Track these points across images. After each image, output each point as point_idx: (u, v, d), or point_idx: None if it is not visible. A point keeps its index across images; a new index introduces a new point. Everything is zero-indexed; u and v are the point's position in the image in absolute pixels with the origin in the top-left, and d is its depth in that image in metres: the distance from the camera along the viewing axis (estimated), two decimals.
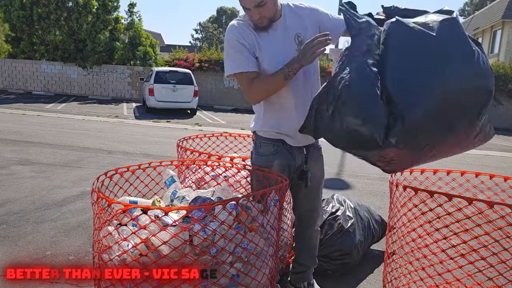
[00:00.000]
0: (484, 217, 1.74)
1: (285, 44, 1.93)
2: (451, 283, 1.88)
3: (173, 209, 1.56)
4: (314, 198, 2.21)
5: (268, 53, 1.90)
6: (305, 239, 2.29)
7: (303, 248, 2.32)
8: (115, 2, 18.55)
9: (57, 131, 8.43)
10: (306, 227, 2.27)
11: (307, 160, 2.08)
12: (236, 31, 1.90)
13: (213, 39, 42.94)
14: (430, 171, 2.35)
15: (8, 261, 2.69)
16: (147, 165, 2.19)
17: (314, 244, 2.33)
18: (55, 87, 18.56)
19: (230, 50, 1.90)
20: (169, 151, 6.85)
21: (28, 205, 3.79)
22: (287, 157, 2.05)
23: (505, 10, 21.25)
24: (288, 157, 2.05)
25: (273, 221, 1.80)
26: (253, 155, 2.11)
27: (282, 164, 2.05)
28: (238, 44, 1.88)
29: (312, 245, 2.32)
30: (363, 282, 2.70)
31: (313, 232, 2.29)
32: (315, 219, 2.27)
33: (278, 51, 1.90)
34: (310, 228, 2.28)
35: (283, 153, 2.04)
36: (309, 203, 2.21)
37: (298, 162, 2.07)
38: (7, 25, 18.10)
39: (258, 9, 1.81)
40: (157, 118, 12.14)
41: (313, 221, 2.26)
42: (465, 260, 1.87)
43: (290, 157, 2.05)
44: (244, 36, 1.88)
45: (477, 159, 8.47)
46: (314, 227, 2.28)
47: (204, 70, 18.23)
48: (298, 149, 2.06)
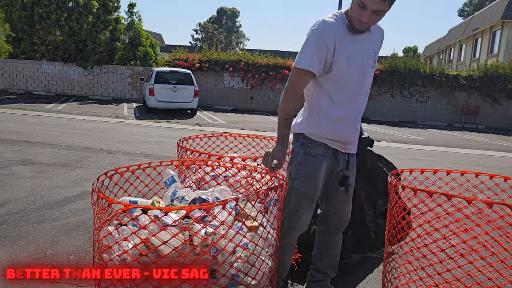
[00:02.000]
0: (483, 217, 1.75)
1: (365, 58, 1.96)
2: (451, 282, 1.88)
3: (173, 209, 1.56)
4: (348, 203, 2.19)
5: (351, 60, 1.89)
6: (329, 246, 2.26)
7: (326, 256, 2.27)
8: (116, 3, 18.58)
9: (58, 131, 8.44)
10: (333, 233, 2.24)
11: (348, 165, 2.10)
12: (328, 30, 1.85)
13: (213, 39, 42.97)
14: (430, 171, 2.35)
15: (8, 261, 2.69)
16: (147, 165, 2.19)
17: (337, 252, 2.29)
18: (55, 87, 18.57)
19: (312, 44, 1.85)
20: (169, 151, 6.85)
21: (29, 205, 3.80)
22: (333, 160, 2.05)
23: (505, 10, 21.25)
24: (334, 161, 2.06)
25: (273, 221, 1.80)
26: (300, 155, 2.04)
27: (329, 167, 2.05)
28: (322, 43, 1.83)
29: (335, 253, 2.29)
30: (363, 282, 2.70)
31: (338, 239, 2.27)
32: (343, 226, 2.24)
33: (357, 62, 1.92)
34: (336, 235, 2.24)
35: (331, 156, 2.05)
36: (343, 209, 2.18)
37: (340, 167, 2.08)
38: (7, 25, 18.12)
39: (373, 15, 1.78)
40: (158, 118, 12.15)
41: (341, 228, 2.24)
42: (464, 259, 1.87)
43: (335, 160, 2.06)
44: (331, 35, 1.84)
45: (477, 159, 8.47)
46: (339, 234, 2.26)
47: (204, 71, 18.25)
48: (342, 154, 2.08)
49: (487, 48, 23.87)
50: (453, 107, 18.09)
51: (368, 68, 1.99)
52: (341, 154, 2.07)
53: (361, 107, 2.05)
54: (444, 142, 11.34)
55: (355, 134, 2.09)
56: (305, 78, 1.90)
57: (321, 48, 1.83)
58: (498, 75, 17.50)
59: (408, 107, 18.26)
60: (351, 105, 1.99)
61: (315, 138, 2.02)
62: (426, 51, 38.83)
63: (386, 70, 17.95)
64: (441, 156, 8.53)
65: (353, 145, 2.11)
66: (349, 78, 1.93)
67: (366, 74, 1.99)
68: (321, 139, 2.01)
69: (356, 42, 1.90)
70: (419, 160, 7.76)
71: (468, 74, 18.11)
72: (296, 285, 2.56)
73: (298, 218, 2.06)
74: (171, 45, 32.22)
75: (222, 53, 19.10)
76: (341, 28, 1.87)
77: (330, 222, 2.22)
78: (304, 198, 2.03)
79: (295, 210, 2.04)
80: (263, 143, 3.20)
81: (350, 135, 2.06)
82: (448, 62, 30.26)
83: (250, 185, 2.29)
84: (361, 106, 2.05)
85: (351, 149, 2.10)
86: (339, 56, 1.86)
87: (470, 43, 26.70)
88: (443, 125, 17.56)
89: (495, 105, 17.82)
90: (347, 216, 2.22)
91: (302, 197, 2.02)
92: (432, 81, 17.87)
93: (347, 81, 1.93)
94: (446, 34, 32.42)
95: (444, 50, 32.68)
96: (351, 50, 1.88)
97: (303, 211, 2.05)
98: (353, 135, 2.08)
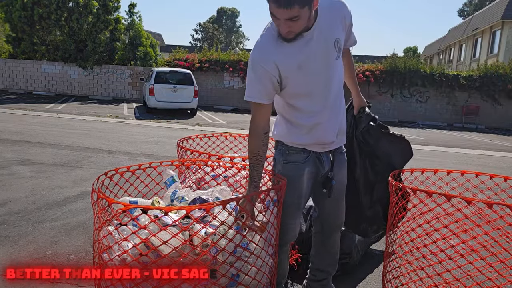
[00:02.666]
0: (483, 217, 1.75)
1: (323, 53, 1.78)
2: (451, 283, 1.88)
3: (173, 209, 1.56)
4: (338, 205, 2.11)
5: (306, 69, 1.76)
6: (328, 246, 2.20)
7: (326, 255, 2.23)
8: (116, 3, 18.57)
9: (58, 131, 8.44)
10: (330, 234, 2.18)
11: (332, 166, 1.99)
12: (261, 54, 1.75)
13: (213, 39, 42.97)
14: (430, 171, 2.35)
15: (8, 261, 2.70)
16: (147, 165, 2.20)
17: (336, 251, 2.25)
18: (55, 87, 18.57)
19: (251, 74, 1.77)
20: (169, 151, 6.85)
21: (29, 205, 3.80)
22: (316, 164, 1.96)
23: (505, 10, 21.26)
24: (317, 165, 1.96)
25: (273, 221, 1.80)
26: (280, 164, 1.97)
27: (313, 172, 1.96)
28: (261, 70, 1.73)
29: (335, 252, 2.24)
30: (363, 282, 2.70)
31: (336, 238, 2.21)
32: (339, 226, 2.18)
33: (316, 67, 1.77)
34: (333, 235, 2.18)
35: (313, 160, 1.95)
36: (333, 210, 2.11)
37: (326, 169, 1.99)
38: (7, 25, 18.12)
39: (289, 23, 1.61)
40: (158, 118, 12.15)
41: (337, 229, 2.18)
42: (464, 260, 1.87)
43: (319, 163, 1.96)
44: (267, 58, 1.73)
45: (477, 159, 8.47)
46: (337, 233, 2.20)
47: (204, 71, 18.25)
48: (326, 154, 1.97)
49: (487, 48, 23.88)
50: (453, 107, 18.09)
51: (333, 61, 1.81)
52: (324, 155, 1.97)
53: (335, 101, 1.89)
54: (444, 142, 11.34)
55: (335, 130, 1.94)
56: (264, 111, 1.79)
57: (261, 75, 1.73)
58: (498, 75, 17.50)
59: (408, 107, 18.26)
60: (324, 107, 1.86)
61: (293, 144, 1.93)
62: (426, 51, 38.83)
63: (386, 70, 17.95)
64: (441, 156, 8.52)
65: (336, 141, 1.96)
66: (310, 84, 1.80)
67: (331, 69, 1.82)
68: (299, 145, 1.93)
69: (301, 46, 1.73)
70: (419, 160, 7.75)
71: (468, 74, 18.11)
72: (296, 285, 2.56)
73: (288, 228, 1.98)
74: (171, 45, 32.23)
75: (222, 53, 19.09)
76: (275, 42, 1.73)
77: (324, 224, 2.17)
78: (289, 208, 1.93)
79: (284, 222, 1.94)
80: None
81: (330, 135, 1.92)
82: (448, 62, 30.26)
83: None
84: (335, 100, 1.89)
85: (334, 145, 1.97)
86: (288, 70, 1.75)
87: (470, 43, 26.70)
88: (443, 125, 17.55)
89: (495, 105, 17.82)
90: (340, 218, 2.16)
91: (287, 207, 1.92)
92: (432, 81, 17.87)
93: (310, 88, 1.81)
94: (446, 34, 32.43)
95: (444, 50, 32.69)
96: (299, 57, 1.74)
97: (290, 221, 1.97)
98: (333, 133, 1.93)
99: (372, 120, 2.40)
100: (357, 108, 2.37)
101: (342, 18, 1.83)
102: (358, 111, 2.37)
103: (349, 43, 2.01)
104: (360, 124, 2.38)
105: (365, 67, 18.15)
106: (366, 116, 2.38)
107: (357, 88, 2.31)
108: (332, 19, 1.78)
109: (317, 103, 1.85)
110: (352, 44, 2.04)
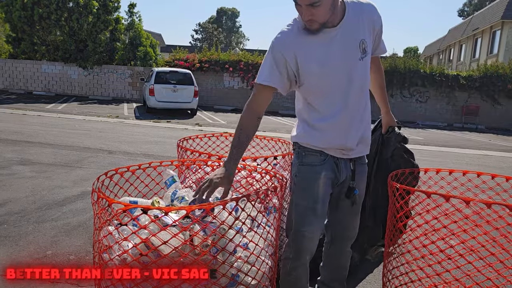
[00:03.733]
0: (483, 217, 1.75)
1: (346, 53, 1.72)
2: (450, 282, 1.88)
3: (173, 209, 1.56)
4: (354, 216, 2.01)
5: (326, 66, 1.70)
6: (335, 258, 2.10)
7: (332, 269, 2.12)
8: (116, 3, 18.59)
9: (58, 131, 8.44)
10: (339, 246, 2.06)
11: (354, 175, 1.88)
12: (282, 41, 1.71)
13: (213, 39, 42.97)
14: (433, 170, 2.35)
15: (8, 261, 2.70)
16: (147, 165, 2.19)
17: (344, 266, 2.12)
18: (55, 87, 18.58)
19: (269, 57, 1.73)
20: (169, 151, 6.85)
21: (29, 205, 3.80)
22: (333, 169, 1.85)
23: (505, 10, 21.27)
24: (335, 170, 1.85)
25: (273, 221, 1.80)
26: (296, 166, 1.89)
27: (330, 177, 1.84)
28: (279, 55, 1.70)
29: (342, 266, 2.12)
30: (363, 282, 2.70)
31: (345, 253, 2.09)
32: (349, 240, 2.06)
33: (336, 64, 1.71)
34: (342, 248, 2.07)
35: (330, 165, 1.84)
36: (348, 221, 2.00)
37: (343, 177, 1.87)
38: (8, 25, 18.12)
39: (311, 9, 1.58)
40: (158, 118, 12.15)
41: (347, 242, 2.06)
42: (464, 260, 1.87)
43: (336, 170, 1.85)
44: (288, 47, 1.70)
45: (477, 159, 8.47)
46: (347, 247, 2.07)
47: (204, 71, 18.25)
48: (345, 162, 1.86)
49: (487, 48, 23.88)
50: (453, 107, 18.10)
51: (355, 61, 1.74)
52: (343, 162, 1.86)
53: (357, 105, 1.81)
54: (444, 142, 11.34)
55: (356, 137, 1.84)
56: (266, 94, 1.75)
57: (279, 60, 1.70)
58: (498, 75, 17.51)
59: (408, 107, 18.27)
60: (343, 109, 1.77)
61: (310, 146, 1.85)
62: (426, 51, 38.84)
63: (386, 70, 17.93)
64: (441, 156, 8.52)
65: (357, 149, 1.86)
66: (329, 83, 1.74)
67: (353, 69, 1.75)
68: (316, 147, 1.84)
69: (325, 42, 1.70)
70: (419, 160, 7.72)
71: (468, 74, 18.12)
72: None
73: (303, 237, 1.82)
74: (171, 45, 32.25)
75: (222, 53, 19.11)
76: (299, 34, 1.70)
77: (335, 233, 2.05)
78: (305, 213, 1.83)
79: (298, 229, 1.83)
80: (263, 143, 3.20)
81: (350, 141, 1.82)
82: (448, 62, 30.26)
83: (250, 185, 2.29)
84: (357, 104, 1.81)
85: (355, 153, 1.87)
86: (307, 64, 1.71)
87: (470, 43, 26.70)
88: (443, 125, 17.56)
89: (495, 105, 17.83)
90: (353, 230, 2.03)
91: (303, 212, 1.83)
92: (432, 81, 17.88)
93: (328, 87, 1.75)
94: (446, 34, 32.43)
95: (444, 50, 32.69)
96: (322, 53, 1.70)
97: (306, 228, 1.82)
98: (354, 139, 1.83)
99: (403, 140, 2.32)
100: (385, 127, 2.29)
101: (370, 22, 1.78)
102: (386, 130, 2.29)
103: (378, 51, 1.93)
104: (388, 144, 2.30)
105: None
106: (395, 136, 2.29)
107: (387, 106, 2.22)
108: (360, 21, 1.74)
109: (336, 103, 1.77)
110: (381, 53, 1.96)
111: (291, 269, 1.87)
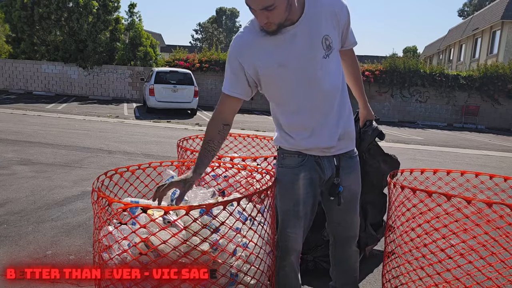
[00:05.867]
0: (483, 217, 1.75)
1: (308, 52, 1.65)
2: (450, 282, 1.88)
3: (173, 208, 1.56)
4: (349, 215, 1.94)
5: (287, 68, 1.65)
6: (341, 261, 2.06)
7: (340, 272, 2.08)
8: (116, 3, 18.59)
9: (58, 131, 8.44)
10: (342, 247, 2.03)
11: (338, 171, 1.81)
12: (238, 47, 1.68)
13: (213, 39, 42.97)
14: (430, 171, 2.35)
15: (8, 261, 2.70)
16: (147, 165, 2.20)
17: (352, 268, 2.07)
18: (55, 87, 18.58)
19: (227, 66, 1.73)
20: (169, 151, 6.85)
21: (29, 205, 3.80)
22: (315, 168, 1.79)
23: (505, 10, 21.28)
24: (316, 169, 1.79)
25: (269, 219, 1.80)
26: (276, 168, 1.88)
27: (310, 178, 1.79)
28: (236, 63, 1.68)
29: (350, 269, 2.06)
30: (363, 282, 2.70)
31: (352, 254, 2.04)
32: (352, 239, 2.01)
33: (298, 65, 1.65)
34: (346, 249, 2.03)
35: (311, 164, 1.78)
36: (345, 220, 1.94)
37: (328, 174, 1.81)
38: (7, 25, 18.12)
39: (265, 13, 1.52)
40: (158, 118, 12.15)
41: (350, 242, 2.01)
42: (464, 259, 1.87)
43: (319, 168, 1.79)
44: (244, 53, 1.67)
45: (477, 159, 8.47)
46: (351, 247, 2.02)
47: (204, 71, 18.26)
48: (328, 159, 1.80)
49: (487, 48, 23.89)
50: (452, 107, 18.10)
51: (319, 60, 1.65)
52: (325, 160, 1.79)
53: (327, 104, 1.73)
54: (444, 142, 11.34)
55: (335, 133, 1.76)
56: (230, 103, 1.73)
57: (236, 68, 1.67)
58: (497, 75, 17.51)
59: (408, 107, 18.27)
60: (309, 110, 1.71)
61: (287, 148, 1.81)
62: (426, 51, 38.85)
63: (385, 70, 17.97)
64: (441, 156, 8.53)
65: (338, 145, 1.79)
66: (292, 85, 1.68)
67: (317, 68, 1.66)
68: (292, 148, 1.80)
69: (285, 43, 1.63)
70: (419, 160, 7.76)
71: (467, 74, 18.12)
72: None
73: (288, 238, 1.83)
74: (171, 45, 32.27)
75: (222, 53, 19.10)
76: (256, 37, 1.64)
77: (335, 234, 2.02)
78: (287, 216, 1.82)
79: (283, 230, 1.84)
80: (263, 143, 3.21)
81: (324, 140, 1.75)
82: (448, 62, 30.27)
83: (250, 185, 2.29)
84: (327, 103, 1.73)
85: (337, 150, 1.80)
86: (267, 68, 1.66)
87: (470, 43, 26.71)
88: (443, 125, 17.56)
89: (495, 105, 17.83)
90: (353, 229, 1.98)
91: (285, 214, 1.82)
92: (431, 81, 17.88)
93: (290, 89, 1.69)
94: (446, 34, 32.44)
95: (444, 50, 32.69)
96: (281, 55, 1.63)
97: (290, 230, 1.82)
98: (331, 137, 1.76)
99: (379, 135, 2.29)
100: (363, 121, 2.26)
101: (333, 15, 1.67)
102: (364, 124, 2.27)
103: (348, 43, 1.82)
104: (365, 138, 2.29)
105: (365, 67, 18.16)
106: (372, 131, 2.27)
107: (364, 99, 2.15)
108: (322, 15, 1.64)
109: (301, 105, 1.72)
110: (351, 45, 1.86)
111: (279, 268, 1.89)
